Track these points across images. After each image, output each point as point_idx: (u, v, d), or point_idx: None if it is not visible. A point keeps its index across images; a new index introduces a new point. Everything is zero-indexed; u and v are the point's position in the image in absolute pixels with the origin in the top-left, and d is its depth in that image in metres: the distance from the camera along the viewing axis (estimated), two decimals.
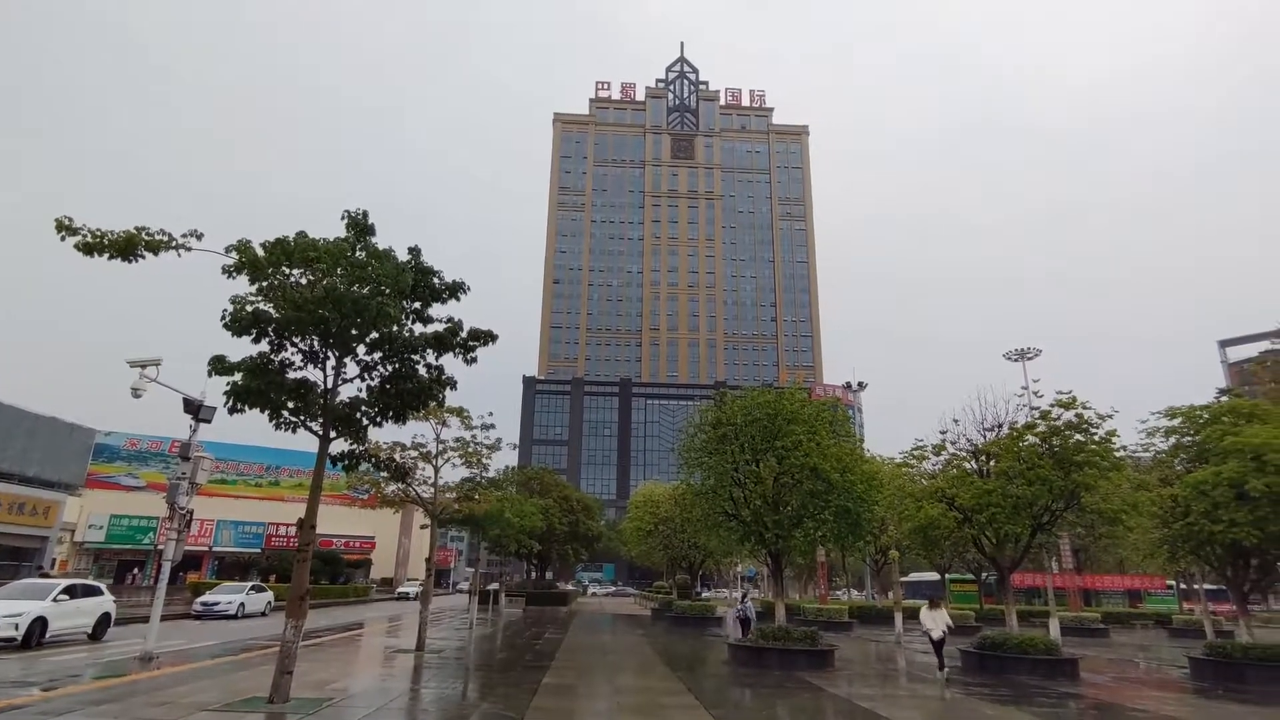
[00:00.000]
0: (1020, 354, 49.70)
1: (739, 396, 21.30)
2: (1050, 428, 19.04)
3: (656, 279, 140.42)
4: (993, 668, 17.77)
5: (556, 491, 49.80)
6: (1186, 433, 20.48)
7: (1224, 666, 17.68)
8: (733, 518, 20.22)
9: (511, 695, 12.44)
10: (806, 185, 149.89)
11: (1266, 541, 17.38)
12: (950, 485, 19.87)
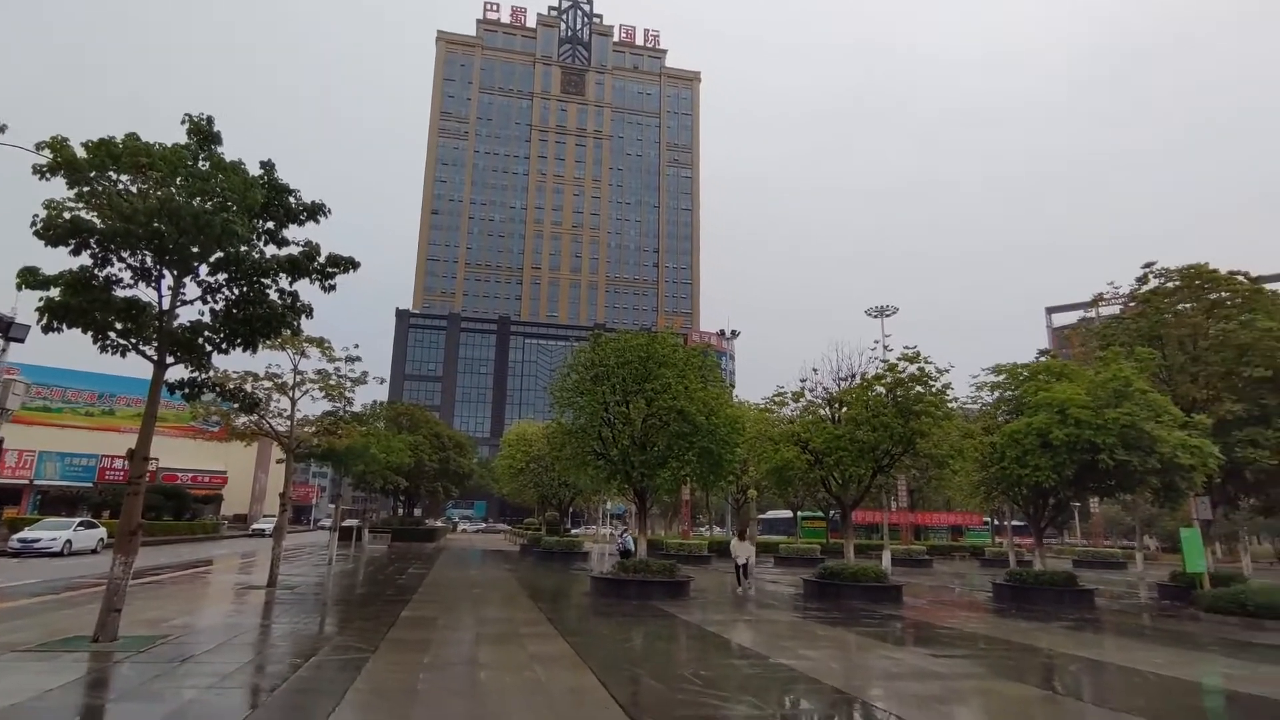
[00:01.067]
0: (880, 310, 53.13)
1: (613, 339, 21.53)
2: (895, 379, 20.66)
3: (540, 216, 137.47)
4: (830, 594, 19.50)
5: (427, 428, 48.78)
6: (1009, 388, 22.84)
7: (1020, 590, 20.31)
8: (601, 456, 20.67)
9: (367, 629, 12.34)
10: (695, 133, 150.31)
11: (1062, 484, 19.91)
12: (805, 430, 21.24)
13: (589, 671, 9.22)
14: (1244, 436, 21.29)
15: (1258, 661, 11.68)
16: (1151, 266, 25.71)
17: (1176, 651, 12.69)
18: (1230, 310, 23.64)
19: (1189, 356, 23.72)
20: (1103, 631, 15.19)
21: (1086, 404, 18.96)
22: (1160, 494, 20.33)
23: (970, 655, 11.76)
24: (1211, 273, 24.24)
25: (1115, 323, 27.31)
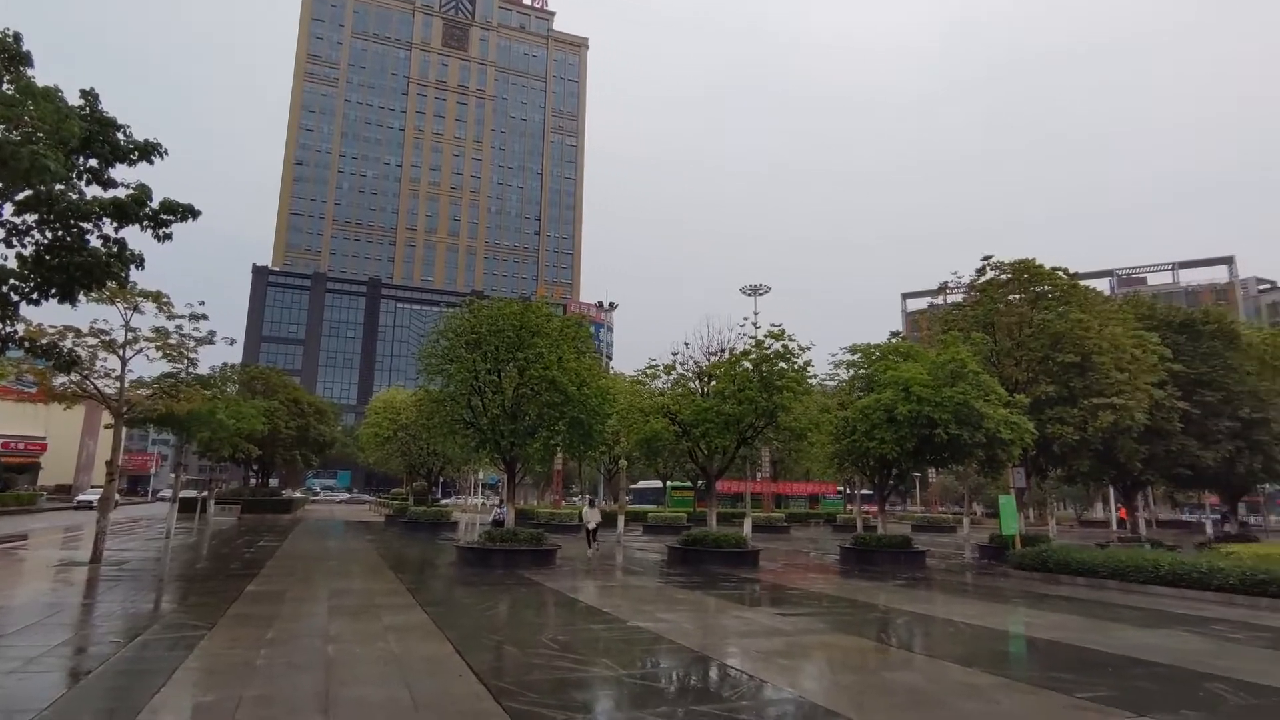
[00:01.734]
0: (753, 289, 55.04)
1: (486, 306, 21.06)
2: (761, 356, 21.59)
3: (417, 175, 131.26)
4: (693, 560, 20.28)
5: (285, 393, 45.84)
6: (862, 366, 24.46)
7: (863, 553, 22.00)
8: (471, 425, 20.29)
9: (206, 605, 11.55)
10: (582, 101, 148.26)
11: (904, 456, 21.65)
12: (675, 403, 21.82)
13: (446, 641, 9.11)
14: (1054, 415, 23.99)
15: (1050, 611, 13.32)
16: (989, 260, 28.18)
17: (988, 604, 14.23)
18: (1051, 302, 26.42)
19: (1015, 342, 26.31)
20: (930, 588, 16.76)
21: (927, 383, 20.64)
22: (985, 465, 22.57)
23: (814, 613, 12.64)
24: (1038, 268, 26.92)
25: (956, 309, 29.80)
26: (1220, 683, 7.76)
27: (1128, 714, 6.49)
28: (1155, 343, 26.23)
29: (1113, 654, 9.26)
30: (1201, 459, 27.96)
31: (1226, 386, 28.63)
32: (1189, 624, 11.76)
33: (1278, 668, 8.65)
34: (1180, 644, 10.04)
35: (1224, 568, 14.64)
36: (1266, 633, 11.07)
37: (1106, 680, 7.83)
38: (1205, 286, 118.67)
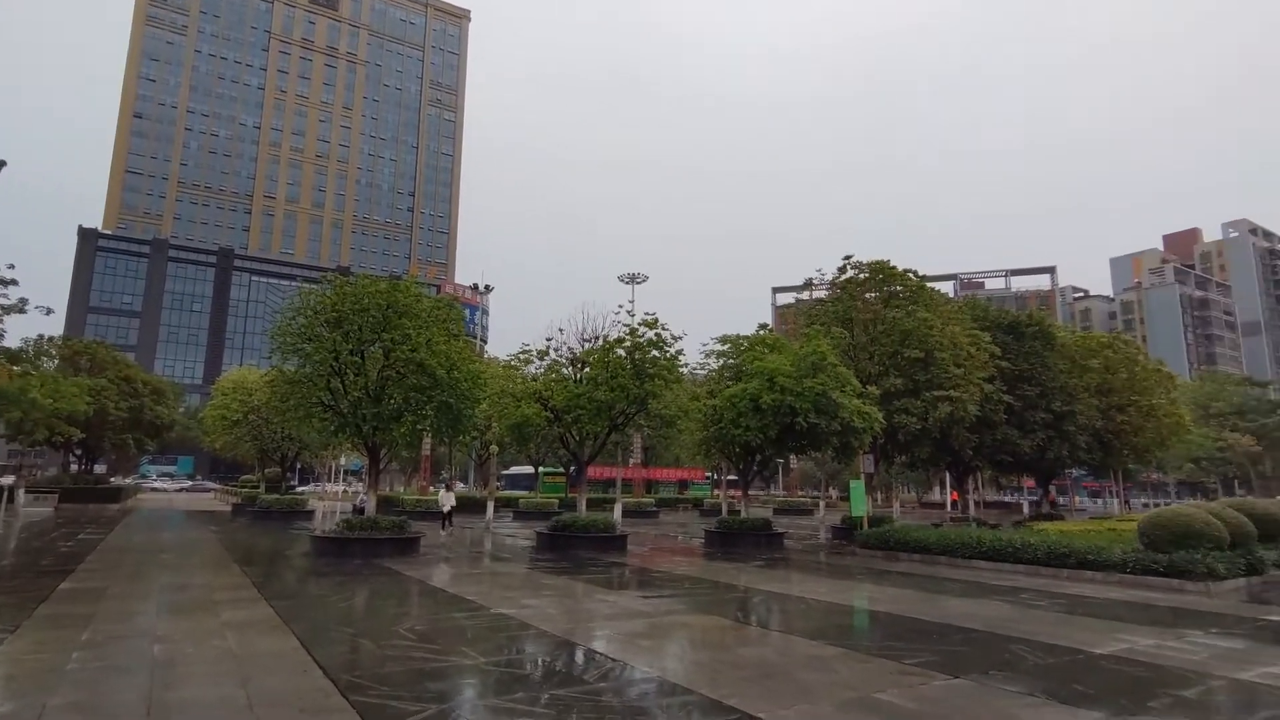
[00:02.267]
0: (631, 278, 55.58)
1: (350, 283, 19.96)
2: (635, 344, 21.87)
3: (277, 139, 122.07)
4: (561, 545, 20.31)
5: (115, 370, 41.46)
6: (731, 356, 25.36)
7: (727, 536, 22.89)
8: (330, 408, 19.21)
9: (8, 605, 10.27)
10: (462, 75, 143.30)
11: (767, 442, 22.70)
12: (547, 388, 21.71)
13: (291, 635, 8.62)
14: (900, 406, 25.96)
15: (889, 586, 14.46)
16: (850, 259, 30.01)
17: (836, 581, 15.24)
18: (902, 301, 28.53)
19: (869, 338, 28.21)
20: (787, 568, 17.72)
21: (790, 374, 21.72)
22: (840, 451, 24.07)
23: (677, 595, 13.03)
24: (891, 269, 28.97)
25: (819, 305, 31.52)
26: (1022, 644, 8.74)
27: (946, 676, 7.16)
28: (987, 342, 28.97)
29: (938, 623, 10.19)
30: (1020, 447, 31.23)
31: (1043, 382, 32.09)
32: (1002, 594, 13.14)
33: (1068, 629, 9.84)
34: (994, 612, 11.20)
35: (1033, 543, 16.46)
36: (1062, 599, 12.57)
37: (931, 647, 8.61)
38: (1031, 292, 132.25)
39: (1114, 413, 36.46)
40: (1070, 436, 32.90)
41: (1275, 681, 7.24)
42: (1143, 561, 14.30)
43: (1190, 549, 13.91)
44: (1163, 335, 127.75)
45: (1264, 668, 7.78)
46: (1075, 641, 8.94)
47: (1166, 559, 13.96)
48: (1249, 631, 9.93)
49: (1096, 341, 40.17)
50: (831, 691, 6.62)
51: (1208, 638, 9.41)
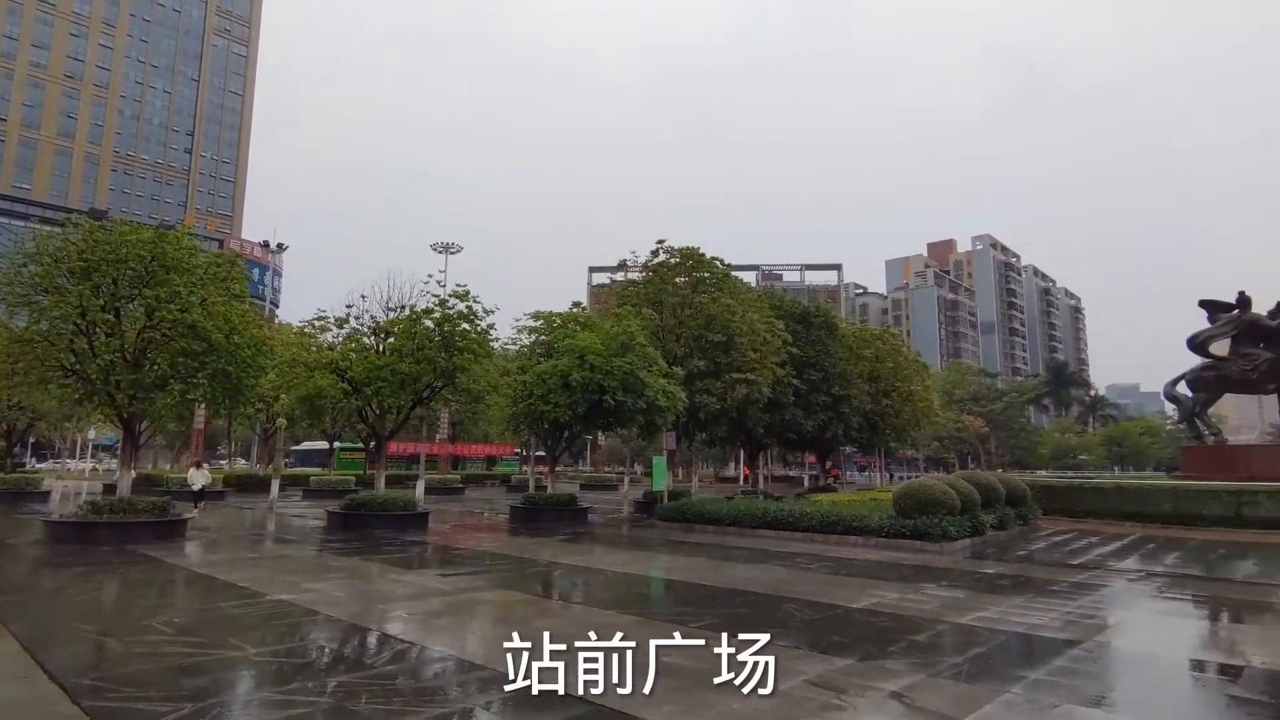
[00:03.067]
0: (445, 247, 53.39)
1: (105, 228, 17.16)
2: (445, 315, 21.05)
3: (12, 50, 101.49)
4: (355, 525, 19.16)
5: None
6: (544, 333, 25.29)
7: (532, 511, 22.92)
8: (74, 373, 16.47)
9: None
10: (256, 5, 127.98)
11: (576, 419, 22.98)
12: (345, 358, 20.28)
13: (10, 637, 7.33)
14: (703, 386, 27.47)
15: (684, 555, 15.32)
16: (663, 243, 31.05)
17: (636, 553, 15.88)
18: (709, 287, 30.09)
19: (677, 320, 29.46)
20: (590, 541, 18.13)
21: (601, 352, 22.11)
22: (645, 429, 25.00)
23: (478, 572, 12.84)
24: (700, 256, 30.41)
25: (632, 286, 32.36)
26: (794, 603, 9.68)
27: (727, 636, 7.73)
28: (781, 329, 31.45)
29: (724, 588, 10.97)
30: (805, 426, 34.44)
31: (826, 368, 35.55)
32: (781, 559, 14.43)
33: (832, 588, 11.04)
34: (773, 575, 12.28)
35: (809, 513, 18.26)
36: (830, 562, 14.09)
37: (716, 610, 9.25)
38: (821, 287, 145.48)
39: (881, 397, 41.29)
40: (846, 417, 36.77)
41: (985, 624, 8.64)
42: (895, 527, 16.38)
43: (931, 515, 16.15)
44: (923, 330, 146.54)
45: (978, 612, 9.25)
46: (837, 599, 10.05)
47: (913, 524, 16.11)
48: (969, 583, 11.77)
49: (870, 334, 45.23)
50: None
51: (939, 590, 11.01)
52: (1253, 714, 5.63)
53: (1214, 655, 7.80)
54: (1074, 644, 7.67)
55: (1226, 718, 5.58)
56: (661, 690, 5.86)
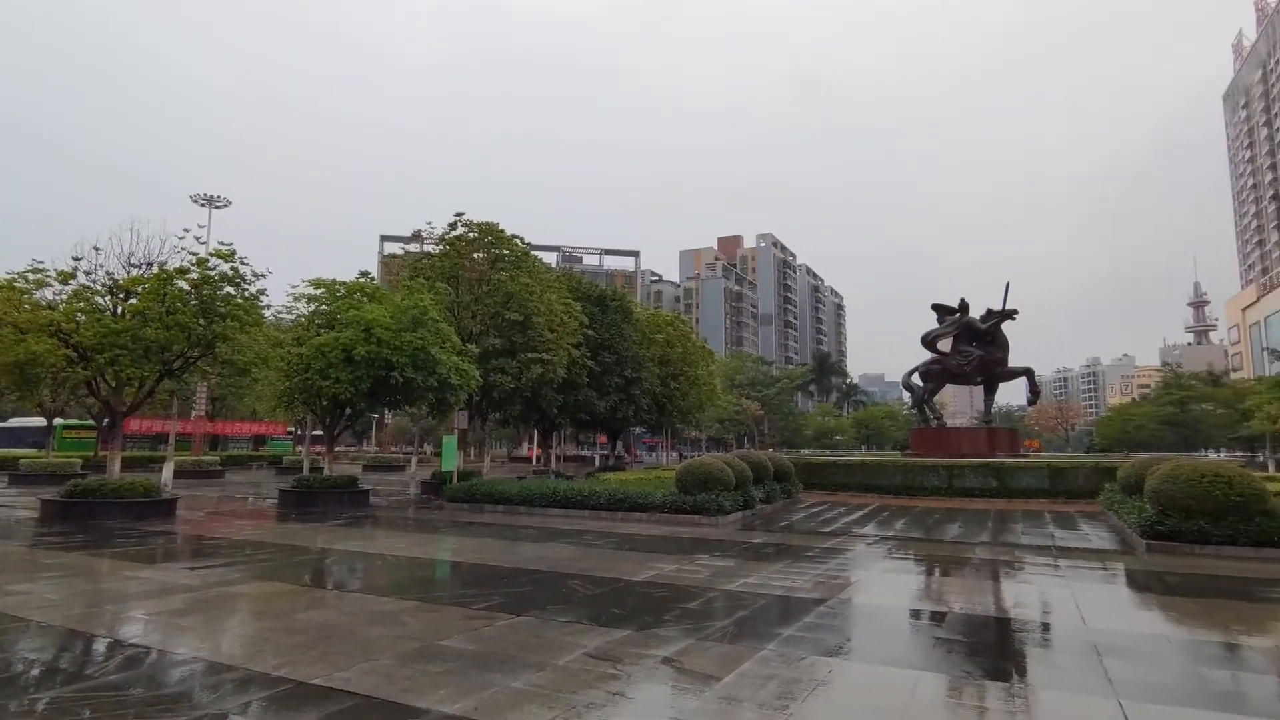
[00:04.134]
0: (209, 200, 47.21)
1: None
2: (204, 276, 18.62)
3: None
4: (81, 514, 16.42)
5: None
6: (325, 302, 23.33)
7: (305, 495, 21.14)
8: None
9: None
10: None
11: (359, 396, 21.54)
12: (69, 319, 17.20)
13: None
14: (498, 365, 27.06)
15: (471, 537, 15.02)
16: (461, 216, 29.95)
17: (420, 536, 15.27)
18: (507, 265, 29.58)
19: (474, 297, 28.67)
20: (370, 525, 17.11)
21: (389, 326, 20.88)
22: (435, 407, 24.11)
23: (234, 563, 11.57)
24: (500, 232, 29.79)
25: (427, 259, 30.90)
26: (578, 580, 9.89)
27: (510, 616, 7.70)
28: (579, 311, 31.85)
29: (511, 568, 10.92)
30: (598, 407, 35.30)
31: (620, 351, 36.66)
32: (570, 537, 14.68)
33: (616, 563, 11.45)
34: (560, 553, 12.45)
35: (598, 491, 18.76)
36: (616, 538, 14.59)
37: (501, 590, 9.18)
38: (619, 272, 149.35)
39: (670, 380, 43.48)
40: (637, 399, 38.23)
41: (749, 589, 9.45)
42: (676, 503, 17.37)
43: (709, 491, 17.34)
44: (710, 319, 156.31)
45: (744, 579, 10.10)
46: (619, 573, 10.43)
47: (693, 500, 17.19)
48: (738, 553, 12.80)
49: (663, 319, 47.34)
50: (396, 644, 6.57)
51: (712, 560, 11.85)
52: (951, 650, 6.72)
53: (926, 605, 9.20)
54: (821, 602, 8.64)
55: (932, 655, 6.60)
56: (437, 675, 5.70)
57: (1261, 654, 6.82)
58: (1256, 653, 6.87)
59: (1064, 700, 5.35)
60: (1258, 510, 12.14)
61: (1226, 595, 9.47)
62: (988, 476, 23.60)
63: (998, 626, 7.87)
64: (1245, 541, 11.99)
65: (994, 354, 32.34)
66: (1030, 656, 6.70)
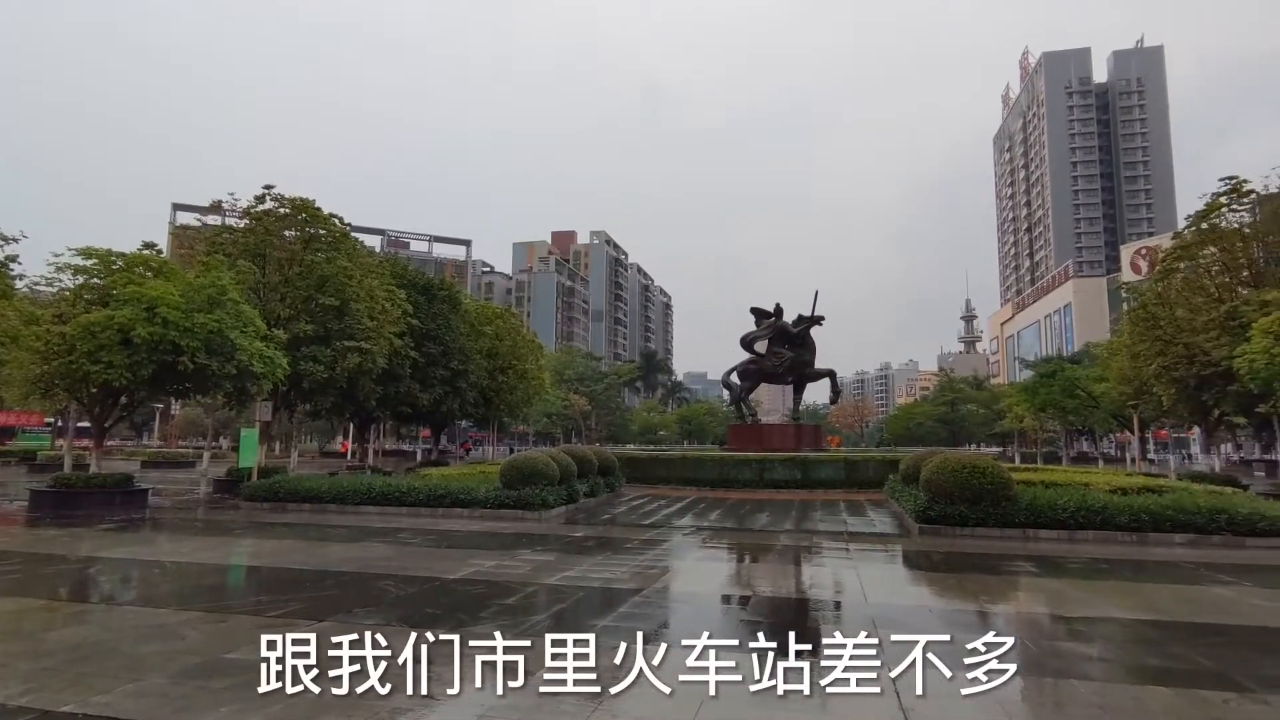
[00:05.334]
0: None
1: None
2: None
3: None
4: None
5: None
6: (98, 275, 20.33)
7: (66, 496, 18.28)
8: None
9: None
10: None
11: (137, 383, 19.00)
12: None
13: None
14: (309, 353, 25.09)
15: (271, 539, 13.81)
16: (271, 189, 27.42)
17: (210, 539, 13.79)
18: (323, 245, 27.52)
19: (283, 278, 26.37)
20: (149, 529, 15.20)
21: (179, 305, 18.60)
22: (234, 397, 21.88)
23: None
24: (316, 210, 27.61)
25: (229, 233, 27.96)
26: (391, 580, 9.43)
27: (310, 621, 7.17)
28: (403, 299, 30.35)
29: (316, 570, 10.16)
30: (421, 400, 33.86)
31: (446, 342, 35.41)
32: (385, 535, 13.93)
33: (433, 561, 11.05)
34: (373, 553, 11.78)
35: (418, 487, 17.98)
36: (435, 535, 14.08)
37: (303, 595, 8.52)
38: (449, 260, 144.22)
39: (498, 373, 42.69)
40: (463, 392, 37.15)
41: (569, 582, 9.51)
42: (500, 498, 17.09)
43: (534, 486, 17.23)
44: (542, 313, 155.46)
45: (565, 572, 10.15)
46: (436, 571, 10.07)
47: (517, 494, 16.99)
48: (560, 547, 12.84)
49: (492, 311, 46.41)
50: (172, 661, 5.89)
51: (534, 554, 11.80)
52: (754, 630, 7.20)
53: (735, 590, 9.79)
54: (638, 591, 8.90)
55: (739, 633, 7.03)
56: (220, 691, 5.18)
57: (1002, 618, 7.99)
58: (998, 617, 8.05)
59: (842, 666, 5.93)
60: (1003, 496, 14.16)
61: (977, 570, 10.96)
62: (794, 469, 25.56)
63: (796, 606, 8.55)
64: (994, 523, 13.95)
65: (803, 356, 35.02)
66: (822, 632, 7.35)
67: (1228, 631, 7.32)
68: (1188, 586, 9.63)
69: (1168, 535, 13.34)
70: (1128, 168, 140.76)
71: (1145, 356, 32.91)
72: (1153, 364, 32.02)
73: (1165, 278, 33.05)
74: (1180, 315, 30.98)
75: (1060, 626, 7.52)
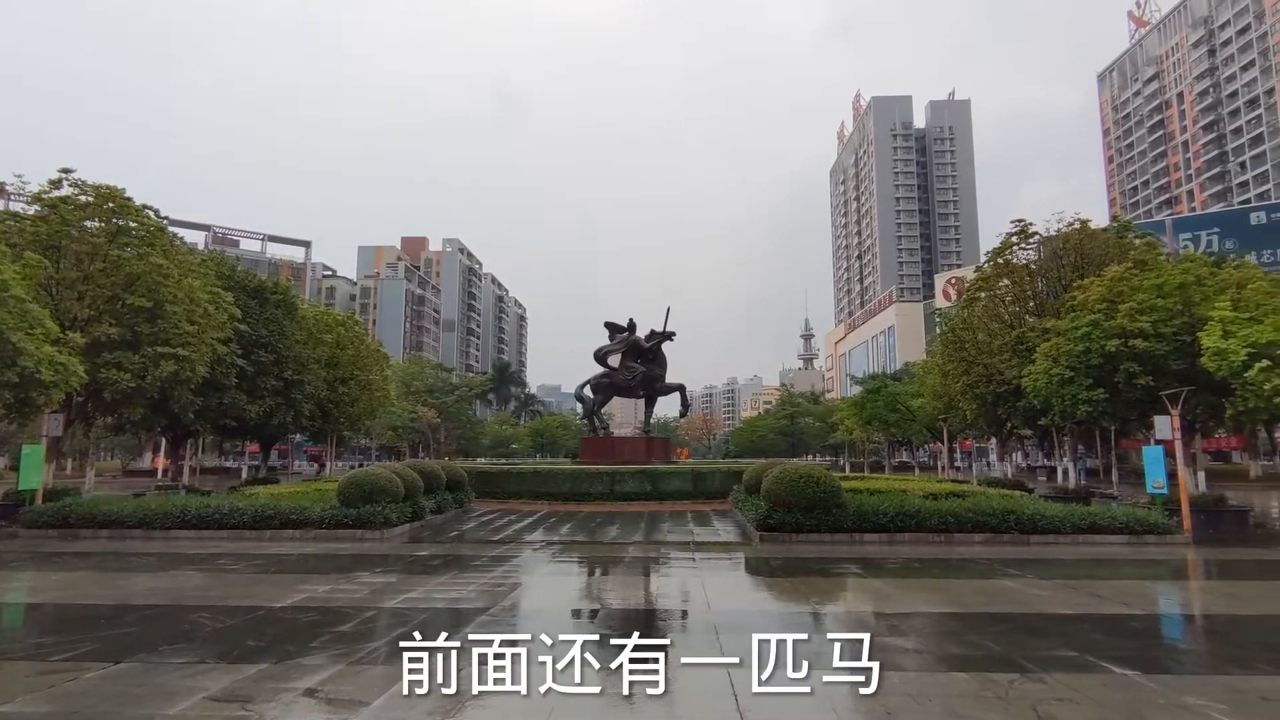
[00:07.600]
0: None
1: None
2: None
3: None
4: None
5: None
6: None
7: None
8: None
9: None
10: None
11: None
12: None
13: None
14: (113, 359, 22.33)
15: (57, 571, 12.09)
16: (69, 174, 24.20)
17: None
18: (134, 240, 24.65)
19: (83, 274, 23.35)
20: None
21: None
22: (14, 409, 19.06)
23: None
24: (126, 200, 24.68)
25: (15, 221, 24.37)
26: (206, 611, 8.54)
27: (105, 664, 6.33)
28: (229, 302, 27.81)
29: (113, 605, 8.99)
30: (248, 412, 31.11)
31: (279, 350, 32.85)
32: (200, 562, 12.61)
33: (258, 588, 10.15)
34: (185, 583, 10.62)
35: (241, 507, 16.46)
36: (261, 559, 12.94)
37: (96, 634, 7.52)
38: (285, 262, 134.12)
39: (338, 384, 40.19)
40: (298, 404, 34.60)
41: (411, 604, 9.08)
42: (337, 517, 16.03)
43: (375, 503, 16.32)
44: (389, 321, 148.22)
45: (407, 594, 9.68)
46: (260, 599, 9.26)
47: (356, 513, 16.02)
48: (403, 567, 12.25)
49: (333, 318, 43.68)
50: None
51: (373, 576, 11.16)
52: (604, 642, 7.24)
53: (585, 603, 9.79)
54: (485, 610, 8.67)
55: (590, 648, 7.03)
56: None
57: (831, 618, 8.58)
58: (828, 617, 8.64)
59: (689, 668, 6.11)
60: (834, 504, 15.25)
61: (811, 574, 11.71)
62: (644, 481, 26.02)
63: (645, 617, 8.69)
64: (826, 529, 14.98)
65: (655, 370, 35.86)
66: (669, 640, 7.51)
67: (1013, 619, 8.31)
68: (984, 580, 10.83)
69: (969, 535, 14.96)
70: (940, 205, 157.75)
71: (953, 375, 36.93)
72: (959, 382, 36.00)
73: (969, 305, 37.32)
74: (981, 339, 35.09)
75: (882, 623, 8.18)
